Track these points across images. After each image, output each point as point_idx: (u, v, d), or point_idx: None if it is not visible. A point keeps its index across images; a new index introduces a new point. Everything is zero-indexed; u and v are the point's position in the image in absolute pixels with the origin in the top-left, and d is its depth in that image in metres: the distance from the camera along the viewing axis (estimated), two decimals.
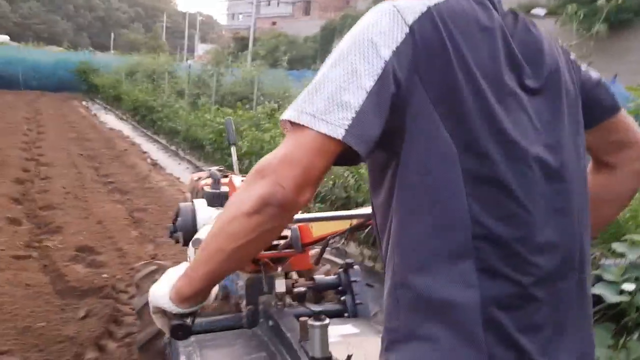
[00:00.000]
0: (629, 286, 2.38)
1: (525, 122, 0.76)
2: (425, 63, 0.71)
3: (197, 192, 2.35)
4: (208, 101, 9.76)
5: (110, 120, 13.30)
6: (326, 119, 0.69)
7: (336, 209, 4.56)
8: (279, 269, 1.83)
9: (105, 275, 3.50)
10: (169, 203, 5.70)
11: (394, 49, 0.71)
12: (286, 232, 1.71)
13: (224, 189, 2.18)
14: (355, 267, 1.92)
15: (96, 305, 3.05)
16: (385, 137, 0.72)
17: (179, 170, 7.91)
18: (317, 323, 1.27)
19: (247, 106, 8.16)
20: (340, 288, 1.90)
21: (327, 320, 1.26)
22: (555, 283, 0.76)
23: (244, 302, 1.84)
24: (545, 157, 0.76)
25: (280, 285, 1.73)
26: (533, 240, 0.73)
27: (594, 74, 0.93)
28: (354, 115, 0.69)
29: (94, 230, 4.48)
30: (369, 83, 0.69)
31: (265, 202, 0.70)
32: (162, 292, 0.86)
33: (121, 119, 13.57)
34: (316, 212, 4.45)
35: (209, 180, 2.27)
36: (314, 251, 1.86)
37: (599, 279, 2.49)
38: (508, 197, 0.72)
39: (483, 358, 0.70)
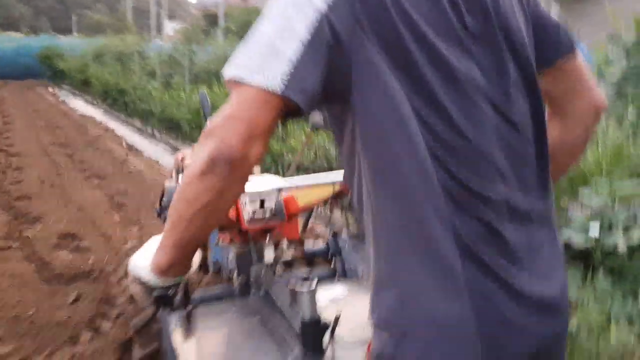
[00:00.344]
0: (594, 228, 2.58)
1: (472, 65, 0.76)
2: (363, 13, 0.70)
3: (182, 171, 2.33)
4: (181, 80, 9.57)
5: (80, 105, 12.95)
6: (263, 72, 0.68)
7: None
8: (267, 239, 1.86)
9: (91, 261, 3.45)
10: (150, 186, 5.62)
11: (329, 1, 0.70)
12: (272, 204, 1.74)
13: None
14: (344, 233, 1.98)
15: (86, 289, 3.01)
16: (335, 89, 0.72)
17: (157, 152, 7.77)
18: (305, 287, 1.30)
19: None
20: (329, 254, 1.95)
21: (314, 284, 1.30)
22: (521, 217, 0.78)
23: (236, 274, 1.87)
24: (494, 97, 0.77)
25: (270, 255, 1.77)
26: (491, 176, 0.75)
27: (553, 15, 0.91)
28: (290, 67, 0.68)
29: (75, 217, 4.39)
30: (304, 35, 0.69)
31: (214, 160, 0.69)
32: (143, 263, 0.85)
33: (91, 103, 13.23)
34: None
35: None
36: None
37: (567, 227, 2.67)
38: (460, 136, 0.73)
39: (462, 292, 0.71)
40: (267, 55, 0.69)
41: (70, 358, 2.40)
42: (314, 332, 1.32)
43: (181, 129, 7.65)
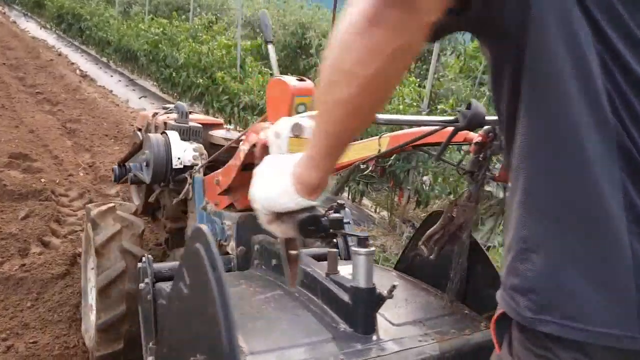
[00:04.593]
0: None
1: None
2: None
3: (155, 128, 2.28)
4: (141, 10, 9.29)
5: (32, 28, 12.35)
6: None
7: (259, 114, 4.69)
8: None
9: (43, 180, 3.55)
10: (103, 115, 5.63)
11: None
12: None
13: (192, 123, 2.11)
14: (347, 208, 1.78)
15: (37, 207, 3.12)
16: (505, 22, 0.63)
17: (111, 82, 7.67)
18: (362, 249, 1.07)
19: (183, 17, 7.87)
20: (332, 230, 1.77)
21: (373, 247, 1.11)
22: None
23: (232, 244, 1.70)
24: None
25: None
26: None
27: None
28: None
29: (27, 139, 4.42)
30: None
31: (385, 1, 0.53)
32: (277, 190, 0.70)
33: (44, 27, 12.63)
34: None
35: (173, 115, 2.21)
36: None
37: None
38: None
39: (628, 272, 0.58)
40: None
41: (19, 267, 2.55)
42: (368, 303, 1.10)
43: (138, 61, 7.52)
